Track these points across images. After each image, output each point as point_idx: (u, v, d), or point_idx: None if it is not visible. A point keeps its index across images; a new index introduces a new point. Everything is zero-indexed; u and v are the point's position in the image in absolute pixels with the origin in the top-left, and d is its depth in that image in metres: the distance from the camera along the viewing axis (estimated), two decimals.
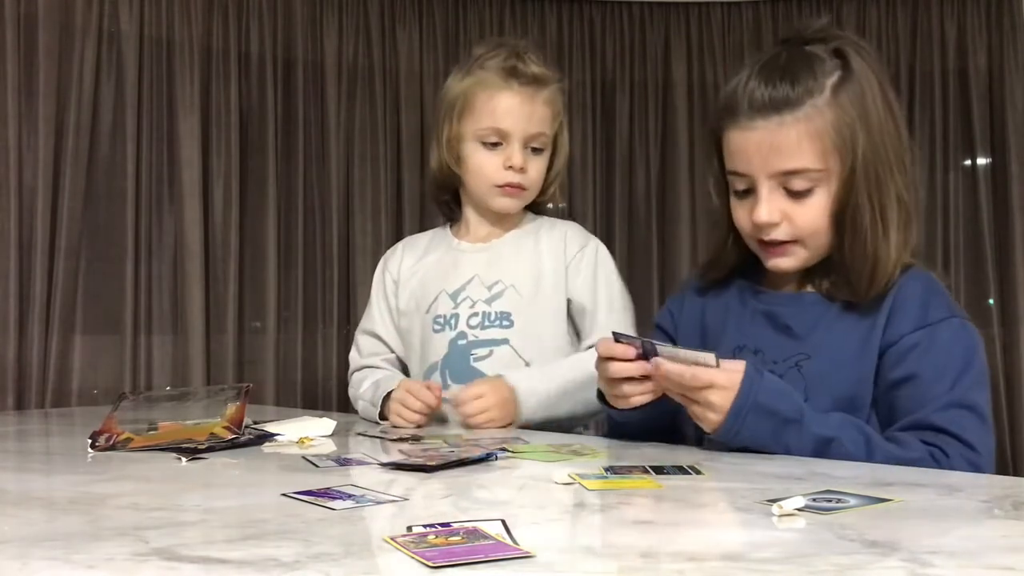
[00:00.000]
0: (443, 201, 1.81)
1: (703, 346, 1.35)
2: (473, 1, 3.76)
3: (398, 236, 3.62)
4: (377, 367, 1.80)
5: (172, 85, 3.22)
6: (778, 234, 1.27)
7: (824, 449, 1.15)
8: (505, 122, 1.68)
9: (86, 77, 3.04)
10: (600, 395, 1.35)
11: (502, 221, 1.76)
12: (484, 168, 1.70)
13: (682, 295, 1.50)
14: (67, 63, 3.01)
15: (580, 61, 3.88)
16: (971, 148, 3.73)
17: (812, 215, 1.25)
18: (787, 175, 1.23)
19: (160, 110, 3.21)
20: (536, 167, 1.72)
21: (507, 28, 3.78)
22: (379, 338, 1.81)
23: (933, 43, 3.74)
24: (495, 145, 1.69)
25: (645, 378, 1.23)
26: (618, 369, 1.24)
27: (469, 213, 1.78)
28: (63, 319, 2.98)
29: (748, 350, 1.32)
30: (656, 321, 1.52)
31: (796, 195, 1.24)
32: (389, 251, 1.88)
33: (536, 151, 1.71)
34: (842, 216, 1.24)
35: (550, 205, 1.85)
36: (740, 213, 1.31)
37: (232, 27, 3.35)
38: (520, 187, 1.70)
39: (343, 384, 3.54)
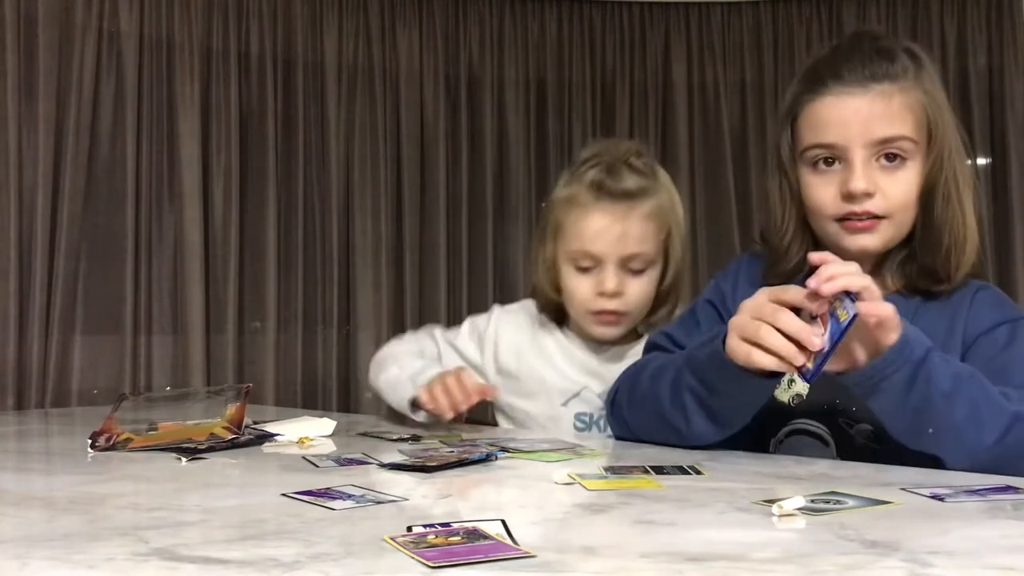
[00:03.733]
0: (555, 319, 1.65)
1: None
2: (473, 1, 3.76)
3: (398, 236, 3.64)
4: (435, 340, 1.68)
5: (172, 85, 3.22)
6: (871, 206, 1.22)
7: (961, 384, 1.05)
8: (595, 245, 1.50)
9: (86, 77, 3.04)
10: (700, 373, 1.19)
11: None
12: (576, 293, 1.54)
13: (735, 278, 1.39)
14: (67, 63, 3.01)
15: (580, 61, 3.88)
16: (971, 148, 3.72)
17: (905, 188, 1.22)
18: (885, 143, 1.21)
19: (160, 110, 3.21)
20: (638, 288, 1.53)
21: (507, 28, 3.78)
22: (457, 350, 1.69)
23: (933, 43, 3.74)
24: (587, 269, 1.53)
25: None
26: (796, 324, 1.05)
27: (575, 327, 1.62)
28: (63, 319, 2.98)
29: None
30: (706, 297, 1.41)
31: (890, 166, 1.22)
32: (492, 320, 1.69)
33: (636, 272, 1.53)
34: (929, 194, 1.22)
35: None
36: (823, 191, 1.24)
37: (232, 27, 3.35)
38: (616, 313, 1.53)
39: (343, 384, 3.59)
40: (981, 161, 3.72)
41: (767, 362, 1.06)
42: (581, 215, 1.51)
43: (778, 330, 1.05)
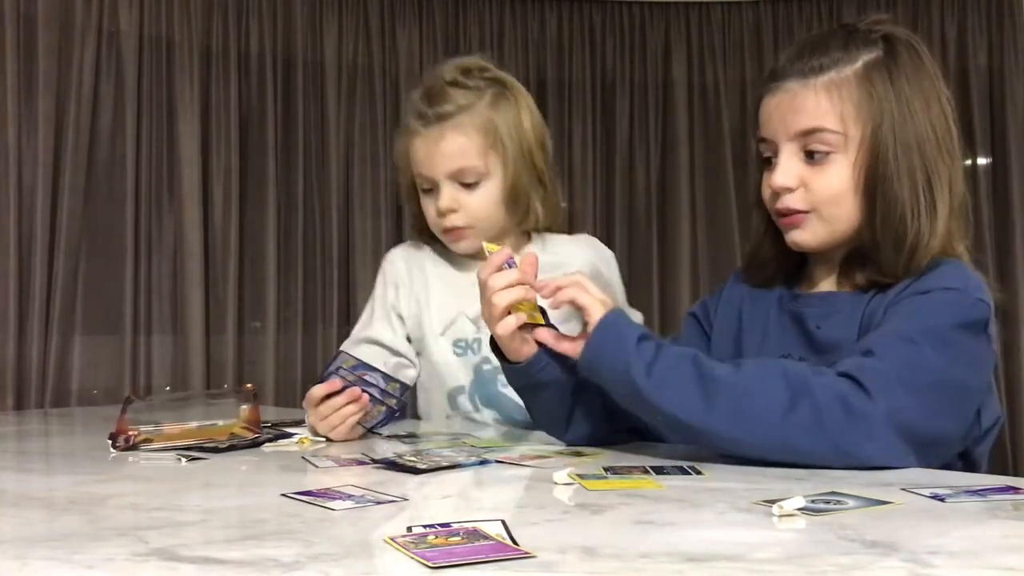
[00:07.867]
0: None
1: (738, 353, 1.31)
2: (473, 1, 3.76)
3: (398, 236, 3.62)
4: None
5: (172, 85, 3.22)
6: (793, 201, 1.23)
7: (644, 392, 1.10)
8: (423, 167, 1.58)
9: (86, 77, 3.04)
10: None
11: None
12: (428, 216, 1.61)
13: (720, 289, 1.43)
14: (67, 63, 3.01)
15: (580, 61, 3.88)
16: (971, 148, 3.72)
17: (828, 182, 1.21)
18: (805, 136, 1.21)
19: (160, 110, 3.20)
20: (475, 201, 1.57)
21: (507, 28, 3.78)
22: (381, 344, 1.63)
23: (933, 43, 3.73)
24: (429, 191, 1.60)
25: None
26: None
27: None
28: (63, 319, 2.98)
29: (793, 359, 1.23)
30: (691, 311, 1.45)
31: (814, 160, 1.22)
32: (387, 261, 1.71)
33: (470, 185, 1.57)
34: (872, 190, 1.20)
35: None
36: (765, 186, 1.27)
37: (232, 27, 3.35)
38: (459, 228, 1.58)
39: None
40: (981, 161, 3.72)
41: (510, 324, 1.19)
42: (410, 142, 1.60)
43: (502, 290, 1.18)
